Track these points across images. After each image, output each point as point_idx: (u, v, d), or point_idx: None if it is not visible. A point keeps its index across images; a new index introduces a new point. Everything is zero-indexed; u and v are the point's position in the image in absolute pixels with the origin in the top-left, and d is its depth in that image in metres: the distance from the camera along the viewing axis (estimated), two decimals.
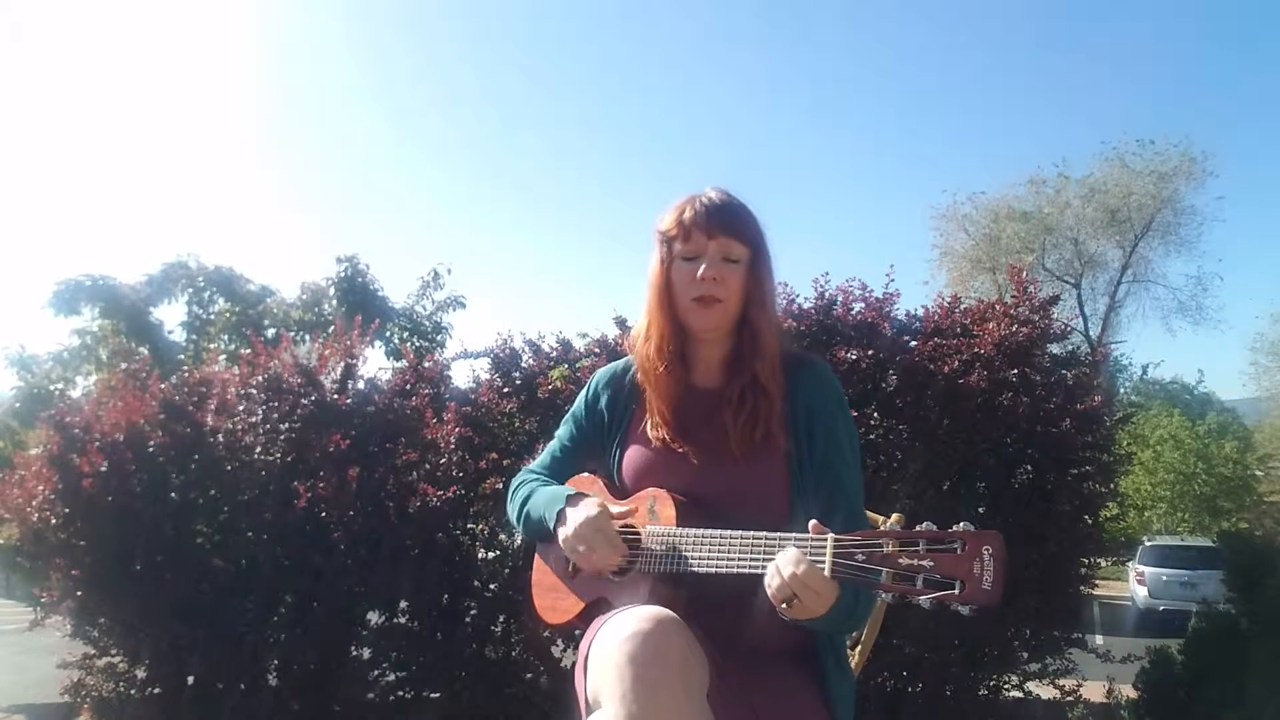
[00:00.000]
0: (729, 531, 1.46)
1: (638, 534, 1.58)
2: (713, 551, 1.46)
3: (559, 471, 1.80)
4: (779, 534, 1.40)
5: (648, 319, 1.68)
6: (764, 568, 1.38)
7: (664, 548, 1.52)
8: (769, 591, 1.35)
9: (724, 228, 1.60)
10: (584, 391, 1.83)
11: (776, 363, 1.62)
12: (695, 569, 1.48)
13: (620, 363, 1.81)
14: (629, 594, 1.53)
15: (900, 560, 1.25)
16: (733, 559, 1.43)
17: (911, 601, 1.25)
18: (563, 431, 1.84)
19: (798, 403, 1.61)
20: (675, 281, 1.63)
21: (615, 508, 1.59)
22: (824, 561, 1.31)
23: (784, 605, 1.34)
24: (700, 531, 1.49)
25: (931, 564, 1.23)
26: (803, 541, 1.35)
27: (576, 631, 1.69)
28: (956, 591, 1.21)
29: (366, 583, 3.90)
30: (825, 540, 1.32)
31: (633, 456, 1.68)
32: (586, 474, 1.78)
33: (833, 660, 1.59)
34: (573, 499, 1.62)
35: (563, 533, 1.60)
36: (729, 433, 1.58)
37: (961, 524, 1.25)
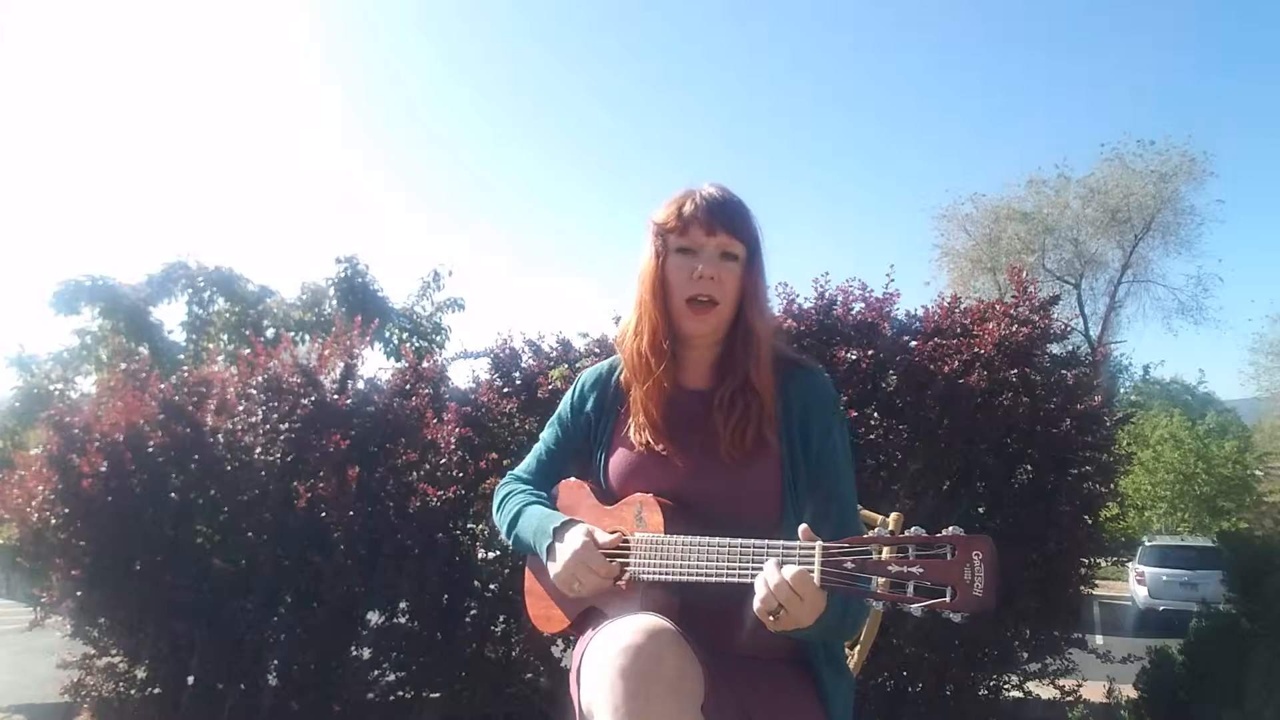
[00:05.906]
0: (717, 539, 1.42)
1: (627, 541, 1.54)
2: (701, 560, 1.43)
3: (545, 476, 1.76)
4: (767, 542, 1.37)
5: (638, 313, 1.61)
6: (753, 576, 1.35)
7: (653, 556, 1.49)
8: (755, 604, 1.32)
9: (724, 224, 1.55)
10: (570, 393, 1.78)
11: (770, 365, 1.58)
12: (684, 577, 1.44)
13: (606, 363, 1.76)
14: (620, 602, 1.50)
15: (890, 567, 1.23)
16: (721, 567, 1.41)
17: (903, 609, 1.23)
18: (548, 434, 1.80)
19: (791, 406, 1.57)
20: (670, 276, 1.57)
21: (602, 536, 1.54)
22: (813, 570, 1.28)
23: (770, 618, 1.31)
24: (688, 539, 1.45)
25: (921, 570, 1.21)
26: (791, 549, 1.32)
27: (572, 636, 1.67)
28: (948, 599, 1.19)
29: (366, 583, 3.89)
30: (814, 548, 1.30)
31: (618, 460, 1.63)
32: (574, 479, 1.73)
33: (829, 663, 1.56)
34: (559, 531, 1.56)
35: (553, 570, 1.55)
36: (719, 436, 1.54)
37: (950, 529, 1.22)
